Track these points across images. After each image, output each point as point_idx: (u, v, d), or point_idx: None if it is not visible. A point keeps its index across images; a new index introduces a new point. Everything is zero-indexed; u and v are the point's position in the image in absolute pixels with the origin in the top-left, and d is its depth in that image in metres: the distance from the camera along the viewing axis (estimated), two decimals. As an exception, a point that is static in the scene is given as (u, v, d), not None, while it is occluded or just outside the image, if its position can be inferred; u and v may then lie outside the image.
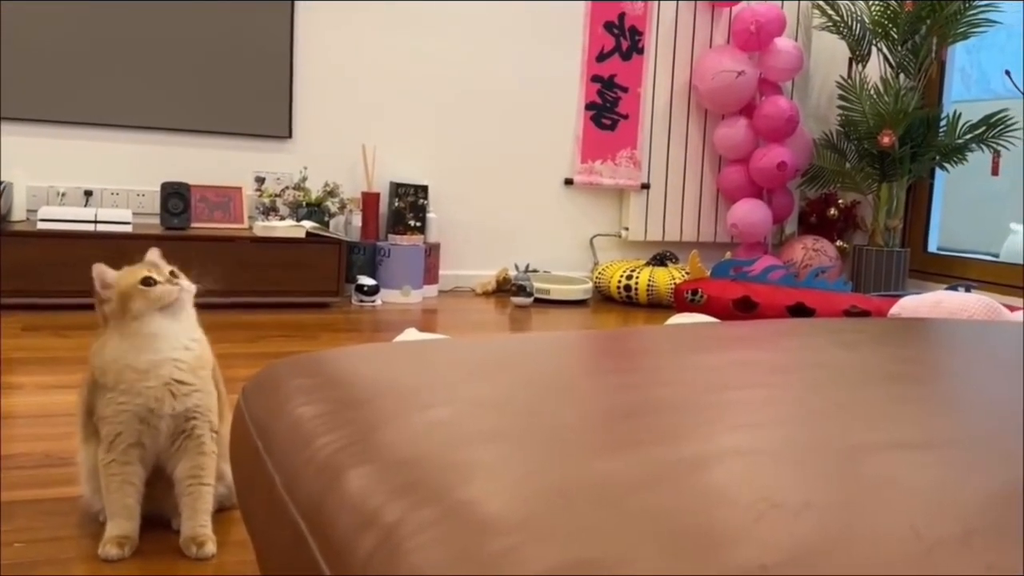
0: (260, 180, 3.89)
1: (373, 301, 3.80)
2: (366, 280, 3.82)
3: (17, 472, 1.68)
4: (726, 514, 0.49)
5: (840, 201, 4.83)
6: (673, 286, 3.96)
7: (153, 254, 1.43)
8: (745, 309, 3.53)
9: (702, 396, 0.75)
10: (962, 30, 4.09)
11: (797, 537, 0.46)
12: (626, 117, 4.58)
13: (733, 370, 0.83)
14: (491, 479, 0.57)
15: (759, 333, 1.08)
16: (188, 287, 1.38)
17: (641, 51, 4.58)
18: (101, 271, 1.40)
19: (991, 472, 0.58)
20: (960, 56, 4.68)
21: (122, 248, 3.33)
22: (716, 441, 0.61)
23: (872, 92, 4.27)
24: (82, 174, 3.70)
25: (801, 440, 0.63)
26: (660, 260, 4.38)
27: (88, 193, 3.67)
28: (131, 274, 1.38)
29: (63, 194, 3.65)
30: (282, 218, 3.82)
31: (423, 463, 0.59)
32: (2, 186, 3.30)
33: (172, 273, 1.38)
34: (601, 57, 4.51)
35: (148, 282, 1.37)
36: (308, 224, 3.69)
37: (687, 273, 4.02)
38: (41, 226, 3.32)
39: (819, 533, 0.48)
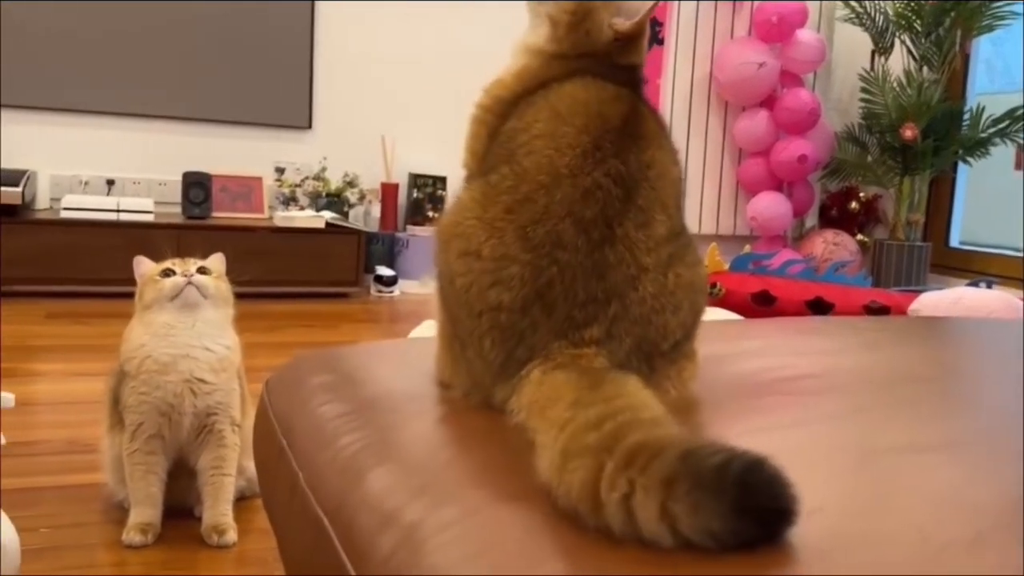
0: (280, 170, 3.91)
1: (391, 291, 3.82)
2: (385, 270, 3.84)
3: (41, 459, 1.71)
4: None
5: (861, 194, 4.79)
6: (691, 279, 3.96)
7: (214, 257, 1.45)
8: (763, 303, 3.52)
9: (721, 399, 0.76)
10: (987, 23, 4.05)
11: (807, 540, 0.47)
12: (646, 109, 4.57)
13: (752, 373, 0.84)
14: (509, 479, 0.58)
15: (776, 333, 1.08)
16: (203, 285, 1.39)
17: (661, 42, 4.56)
18: (138, 261, 1.42)
19: (1003, 474, 0.58)
20: (985, 48, 4.62)
21: (144, 237, 3.36)
22: (734, 444, 0.62)
23: (895, 85, 4.23)
24: (105, 163, 3.73)
25: (816, 443, 0.64)
26: (678, 253, 4.37)
27: (110, 182, 3.71)
28: (156, 267, 1.41)
29: (86, 183, 3.69)
30: (302, 208, 3.85)
31: (441, 464, 0.60)
32: (26, 175, 3.34)
33: (200, 270, 1.40)
34: (621, 48, 4.49)
35: (166, 274, 1.39)
36: (327, 214, 3.71)
37: (706, 266, 4.02)
38: (64, 214, 3.36)
39: (829, 536, 0.49)
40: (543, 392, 0.68)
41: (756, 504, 0.48)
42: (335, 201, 3.86)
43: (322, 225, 3.64)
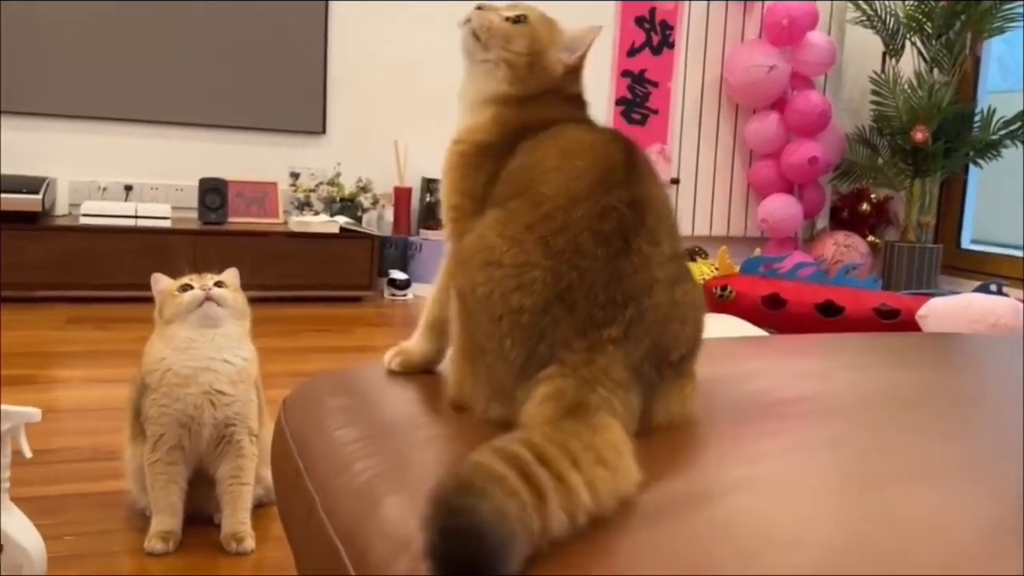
0: (295, 175, 3.96)
1: (405, 295, 3.86)
2: (398, 274, 3.88)
3: (65, 466, 1.75)
4: (723, 548, 0.53)
5: (872, 196, 4.80)
6: (702, 282, 3.98)
7: (229, 272, 1.49)
8: (774, 306, 3.54)
9: (714, 424, 0.79)
10: (997, 25, 4.05)
11: (788, 571, 0.51)
12: (656, 112, 4.60)
13: (745, 397, 0.87)
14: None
15: (770, 354, 1.11)
16: (221, 297, 1.42)
17: (672, 46, 4.58)
18: (156, 279, 1.46)
19: (987, 503, 0.61)
20: (998, 46, 4.62)
21: (161, 242, 3.42)
22: (726, 474, 0.65)
23: (906, 87, 4.24)
24: (122, 169, 3.79)
25: (803, 472, 0.67)
26: (689, 255, 4.39)
27: (128, 188, 3.76)
28: (174, 282, 1.45)
29: (104, 189, 3.74)
30: (316, 213, 3.89)
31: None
32: (46, 182, 3.40)
33: (218, 284, 1.44)
34: (632, 52, 4.52)
35: (184, 289, 1.43)
36: (341, 219, 3.76)
37: (716, 269, 4.03)
38: (83, 220, 3.42)
39: (810, 568, 0.52)
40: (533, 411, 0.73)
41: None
42: (349, 206, 3.91)
43: (336, 230, 3.69)
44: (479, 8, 1.02)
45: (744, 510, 0.59)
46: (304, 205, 3.93)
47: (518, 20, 1.00)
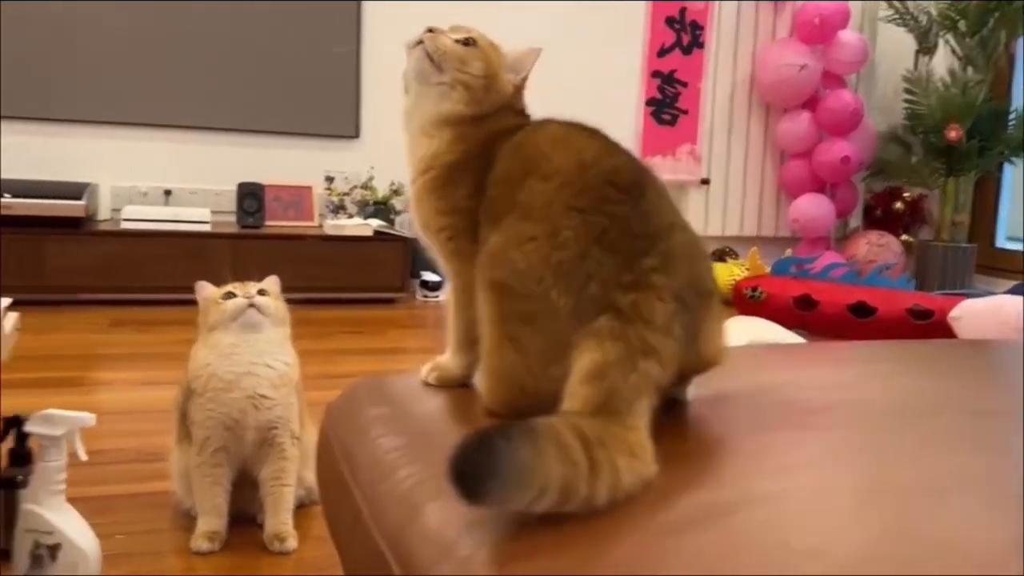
0: (330, 179, 4.02)
1: (437, 296, 3.91)
2: (430, 276, 3.93)
3: (111, 467, 1.81)
4: (746, 559, 0.56)
5: (906, 195, 4.77)
6: (733, 283, 3.98)
7: (270, 280, 1.54)
8: (805, 307, 3.54)
9: (739, 435, 0.82)
10: (1033, 22, 4.01)
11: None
12: (686, 112, 4.60)
13: (769, 407, 0.90)
14: (567, 513, 0.64)
15: (795, 363, 1.14)
16: (263, 306, 1.47)
17: (702, 46, 4.59)
18: (200, 286, 1.51)
19: (1010, 516, 0.63)
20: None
21: (200, 246, 3.49)
22: (749, 485, 0.68)
23: (939, 85, 4.21)
24: (162, 174, 3.88)
25: (827, 483, 0.70)
26: (719, 256, 4.40)
27: (168, 192, 3.85)
28: (218, 290, 1.50)
29: (145, 193, 3.83)
30: (350, 216, 3.95)
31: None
32: (88, 188, 3.49)
33: (260, 292, 1.48)
34: (662, 52, 4.53)
35: (228, 296, 1.48)
36: (375, 222, 3.81)
37: (746, 269, 4.04)
38: (124, 225, 3.50)
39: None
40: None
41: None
42: (382, 208, 3.96)
43: (370, 232, 3.74)
44: (430, 31, 1.05)
45: (767, 521, 0.62)
46: (338, 208, 3.99)
47: (467, 43, 1.03)
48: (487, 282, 0.87)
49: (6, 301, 1.76)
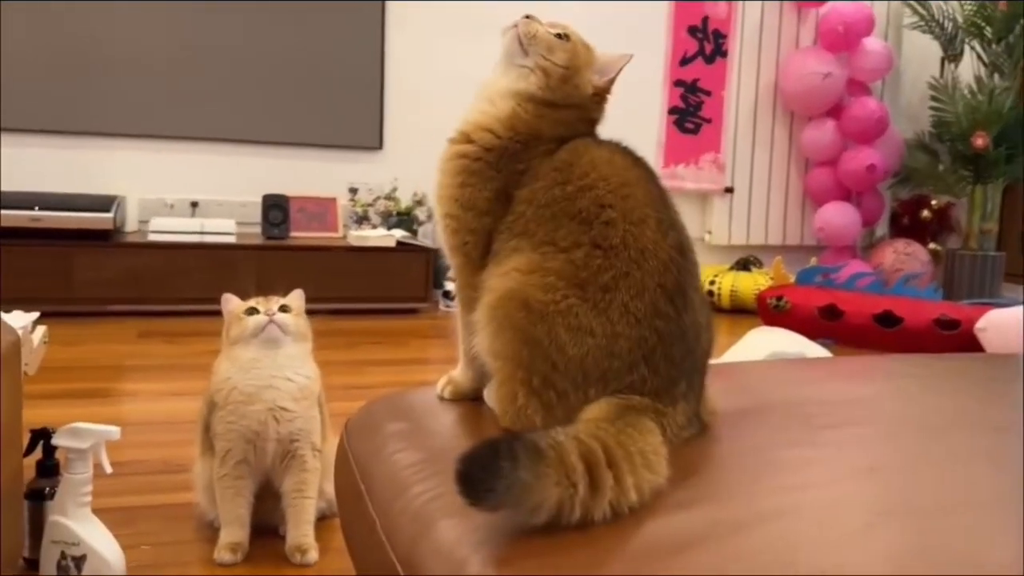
0: (353, 191, 4.05)
1: (460, 306, 3.92)
2: (452, 286, 3.94)
3: (137, 478, 1.83)
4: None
5: (933, 202, 4.72)
6: (757, 292, 3.96)
7: (294, 294, 1.55)
8: (831, 317, 3.51)
9: (758, 451, 0.82)
10: (1061, 28, 3.97)
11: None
12: (709, 121, 4.59)
13: (796, 425, 0.90)
14: (576, 532, 0.65)
15: (816, 377, 1.13)
16: (283, 323, 1.48)
17: (725, 54, 4.58)
18: (226, 299, 1.53)
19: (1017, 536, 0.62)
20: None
21: (226, 258, 3.53)
22: (760, 502, 0.68)
23: (965, 92, 4.18)
24: (189, 186, 3.93)
25: (839, 502, 0.70)
26: (744, 265, 4.38)
27: (194, 204, 3.89)
28: (242, 304, 1.52)
29: (171, 205, 3.88)
30: (374, 227, 3.98)
31: (504, 515, 0.68)
32: (116, 201, 3.54)
33: (282, 308, 1.50)
34: (684, 61, 4.53)
35: (251, 312, 1.49)
36: (398, 232, 3.84)
37: (771, 279, 4.01)
38: (152, 237, 3.55)
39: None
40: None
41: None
42: (405, 219, 3.99)
43: (393, 243, 3.77)
44: (527, 17, 1.06)
45: (775, 540, 0.62)
46: (362, 219, 4.02)
47: (561, 36, 1.05)
48: (517, 325, 0.88)
49: (34, 315, 1.79)
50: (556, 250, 0.89)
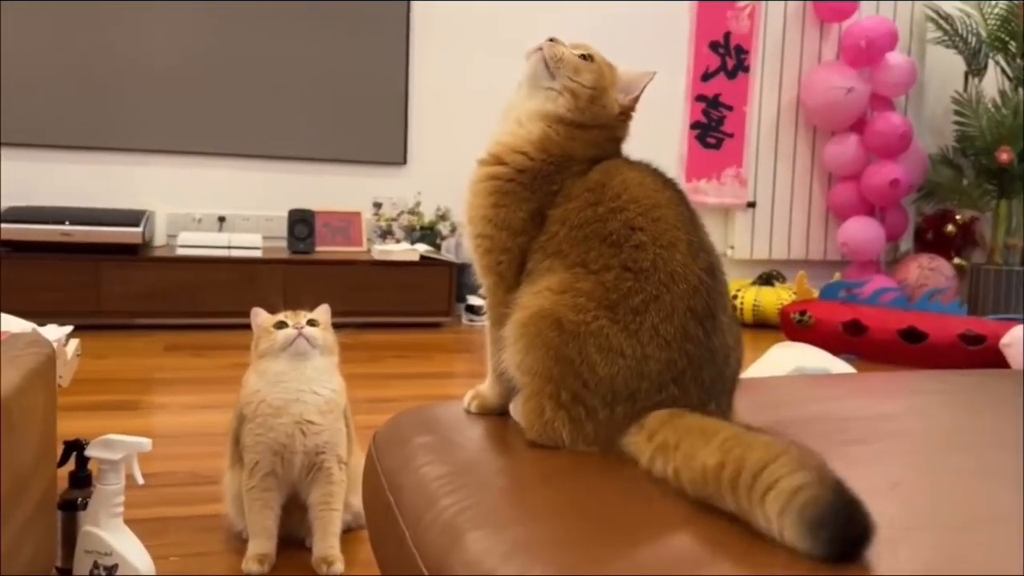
0: (377, 205, 4.09)
1: (482, 320, 3.94)
2: (476, 300, 3.96)
3: (166, 489, 1.86)
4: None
5: (958, 217, 4.69)
6: (780, 307, 3.95)
7: (321, 309, 1.58)
8: (855, 332, 3.50)
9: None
10: (1087, 42, 3.95)
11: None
12: (731, 136, 4.60)
13: (818, 441, 0.90)
14: (604, 546, 0.66)
15: (847, 393, 1.14)
16: (312, 336, 1.51)
17: (747, 69, 4.58)
18: (255, 313, 1.56)
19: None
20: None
21: (253, 272, 3.57)
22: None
23: (989, 106, 4.16)
24: (216, 201, 3.98)
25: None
26: (766, 279, 4.37)
27: (222, 219, 3.94)
28: (271, 318, 1.54)
29: (199, 220, 3.93)
30: (398, 241, 4.01)
31: (531, 527, 0.69)
32: (145, 215, 3.59)
33: (310, 322, 1.52)
34: (706, 77, 4.54)
35: (280, 326, 1.52)
36: (421, 247, 3.87)
37: (794, 294, 4.00)
38: (180, 251, 3.60)
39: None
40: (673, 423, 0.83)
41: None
42: (428, 234, 4.02)
43: (416, 258, 3.79)
44: (551, 40, 1.08)
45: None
46: (386, 233, 4.06)
47: (585, 57, 1.06)
48: (550, 343, 0.90)
49: (68, 328, 1.83)
50: (587, 272, 0.91)
